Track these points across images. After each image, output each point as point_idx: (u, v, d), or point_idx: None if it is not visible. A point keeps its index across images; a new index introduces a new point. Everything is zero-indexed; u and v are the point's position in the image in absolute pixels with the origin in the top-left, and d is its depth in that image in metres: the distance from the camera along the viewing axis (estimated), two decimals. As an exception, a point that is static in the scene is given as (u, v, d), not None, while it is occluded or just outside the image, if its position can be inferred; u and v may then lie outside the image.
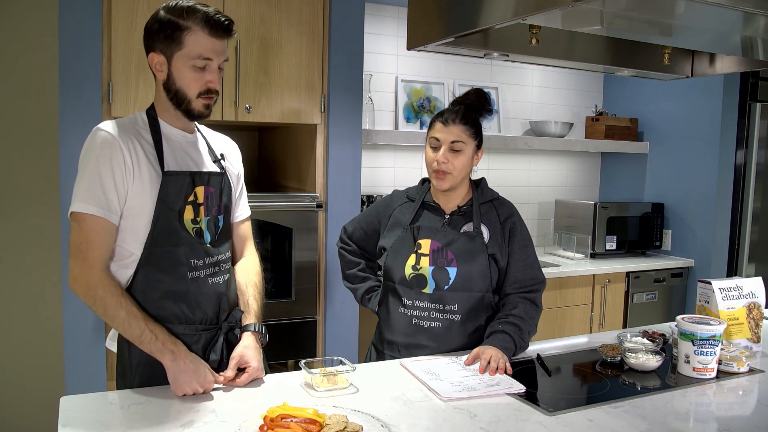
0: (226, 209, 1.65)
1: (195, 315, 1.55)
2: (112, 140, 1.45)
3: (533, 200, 4.17)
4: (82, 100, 2.29)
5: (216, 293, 1.59)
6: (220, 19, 1.48)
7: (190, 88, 1.50)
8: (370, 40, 3.37)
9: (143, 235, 1.48)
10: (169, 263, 1.51)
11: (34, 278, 2.87)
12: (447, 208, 1.87)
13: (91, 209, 1.43)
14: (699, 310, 1.91)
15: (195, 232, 1.55)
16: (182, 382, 1.42)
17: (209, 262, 1.58)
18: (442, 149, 1.79)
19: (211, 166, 1.63)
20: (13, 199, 2.83)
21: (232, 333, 1.63)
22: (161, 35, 1.47)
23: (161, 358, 1.44)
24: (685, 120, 3.83)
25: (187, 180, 1.53)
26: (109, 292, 1.43)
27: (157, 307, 1.51)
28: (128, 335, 1.45)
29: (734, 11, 1.39)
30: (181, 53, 1.47)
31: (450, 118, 1.80)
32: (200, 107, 1.52)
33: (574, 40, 1.96)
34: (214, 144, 1.69)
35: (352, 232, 2.04)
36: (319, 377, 1.50)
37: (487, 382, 1.56)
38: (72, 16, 2.26)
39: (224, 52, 1.52)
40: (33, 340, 2.87)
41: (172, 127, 1.57)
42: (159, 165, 1.50)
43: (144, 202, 1.48)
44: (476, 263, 1.78)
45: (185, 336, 1.54)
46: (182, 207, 1.52)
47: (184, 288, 1.53)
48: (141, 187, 1.47)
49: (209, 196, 1.58)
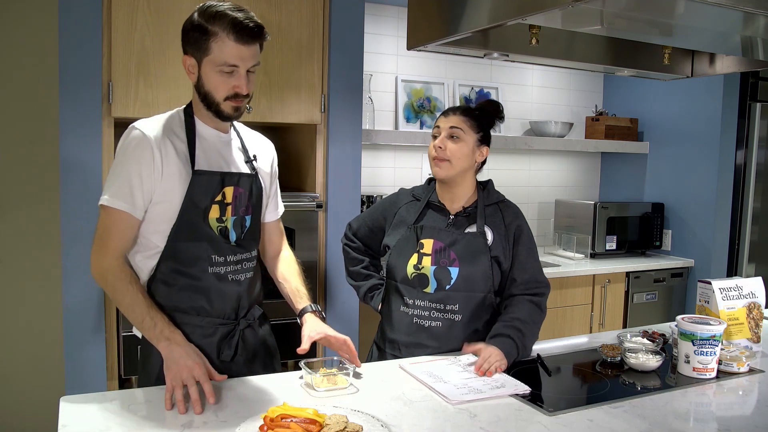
0: (255, 210, 1.68)
1: (212, 309, 1.60)
2: (143, 139, 1.51)
3: (533, 200, 4.17)
4: (82, 100, 2.29)
5: (236, 290, 1.63)
6: (247, 25, 1.48)
7: (218, 92, 1.52)
8: (370, 40, 3.37)
9: (168, 229, 1.54)
10: (191, 258, 1.56)
11: (34, 278, 2.87)
12: (452, 209, 1.87)
13: (116, 203, 1.50)
14: (699, 310, 1.91)
15: (219, 230, 1.59)
16: (174, 371, 1.41)
17: (231, 260, 1.61)
18: (441, 136, 1.82)
19: (243, 167, 1.66)
20: (13, 198, 2.83)
21: (249, 329, 1.67)
22: (192, 38, 1.51)
23: (157, 345, 1.47)
24: (685, 120, 3.83)
25: (217, 179, 1.57)
26: (118, 279, 1.50)
27: (177, 299, 1.57)
28: (131, 319, 1.51)
29: (734, 11, 1.39)
30: (208, 59, 1.50)
31: (451, 110, 1.85)
32: (229, 110, 1.55)
33: (574, 40, 1.96)
34: (249, 144, 1.72)
35: (357, 228, 2.04)
36: (319, 377, 1.50)
37: (491, 384, 1.56)
38: (72, 16, 2.26)
39: (252, 57, 1.53)
40: (33, 340, 2.87)
41: (206, 127, 1.61)
42: (190, 163, 1.54)
43: (172, 199, 1.53)
44: (478, 264, 1.78)
45: (201, 328, 1.59)
46: (208, 206, 1.56)
47: (203, 283, 1.58)
48: (170, 184, 1.52)
49: (238, 196, 1.61)
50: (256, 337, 1.71)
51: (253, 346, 1.70)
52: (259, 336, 1.72)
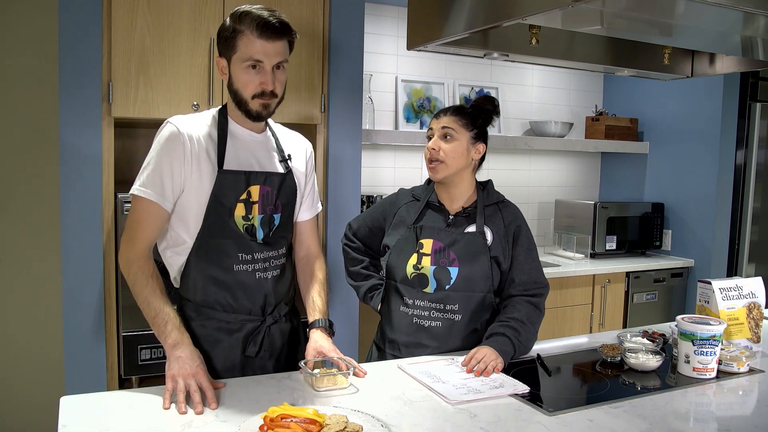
0: (285, 208, 1.71)
1: (239, 305, 1.64)
2: (177, 133, 1.56)
3: (533, 200, 4.17)
4: (82, 100, 2.29)
5: (262, 287, 1.66)
6: (270, 21, 1.52)
7: (246, 89, 1.57)
8: (370, 40, 3.37)
9: (196, 225, 1.59)
10: (217, 254, 1.60)
11: (34, 278, 2.87)
12: (451, 209, 1.87)
13: (146, 193, 1.55)
14: (699, 310, 1.91)
15: (245, 228, 1.62)
16: (174, 370, 1.43)
17: (258, 258, 1.64)
18: (434, 137, 1.83)
19: (274, 166, 1.69)
20: (14, 199, 2.83)
21: (275, 326, 1.69)
22: (222, 39, 1.57)
23: (164, 344, 1.50)
24: (685, 120, 3.83)
25: (242, 179, 1.61)
26: (141, 271, 1.54)
27: (204, 293, 1.62)
28: (145, 313, 1.53)
29: (734, 11, 1.39)
30: (236, 56, 1.55)
31: (443, 111, 1.85)
32: (257, 107, 1.59)
33: (574, 40, 1.96)
34: (285, 143, 1.75)
35: (357, 228, 2.04)
36: (319, 377, 1.50)
37: (490, 384, 1.56)
38: (72, 16, 2.26)
39: (278, 54, 1.56)
40: (33, 340, 2.87)
41: (240, 126, 1.66)
42: (217, 162, 1.58)
43: (199, 195, 1.57)
44: (478, 264, 1.78)
45: (228, 324, 1.64)
46: (234, 204, 1.60)
47: (229, 279, 1.61)
48: (198, 180, 1.57)
49: (265, 195, 1.65)
50: (284, 334, 1.73)
51: (280, 343, 1.72)
52: (286, 333, 1.74)
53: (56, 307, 2.46)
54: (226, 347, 1.64)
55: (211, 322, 1.63)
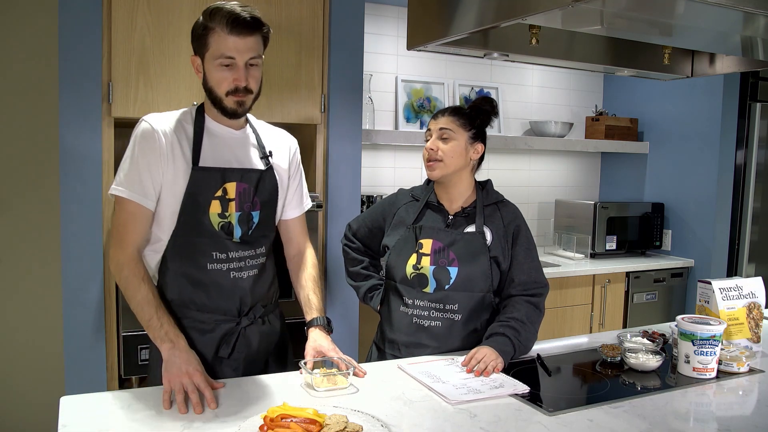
0: (265, 206, 1.68)
1: (212, 304, 1.61)
2: (151, 131, 1.55)
3: (533, 200, 4.17)
4: (82, 100, 2.29)
5: (238, 287, 1.63)
6: (241, 17, 1.50)
7: (219, 87, 1.56)
8: (370, 40, 3.37)
9: (170, 223, 1.57)
10: (191, 253, 1.59)
11: (34, 278, 2.87)
12: (451, 209, 1.87)
13: (127, 193, 1.54)
14: (699, 310, 1.91)
15: (221, 226, 1.60)
16: (172, 372, 1.42)
17: (233, 257, 1.62)
18: (432, 138, 1.83)
19: (253, 163, 1.67)
20: (14, 199, 2.83)
21: (253, 328, 1.67)
22: (195, 38, 1.57)
23: (160, 346, 1.48)
24: (685, 120, 3.83)
25: (217, 176, 1.59)
26: (133, 274, 1.54)
27: (179, 292, 1.61)
28: (139, 317, 1.52)
29: (734, 11, 1.39)
30: (208, 54, 1.54)
31: (440, 112, 1.86)
32: (232, 104, 1.58)
33: (574, 40, 1.96)
34: (267, 140, 1.73)
35: (357, 229, 2.04)
36: (319, 377, 1.50)
37: (490, 384, 1.56)
38: (72, 16, 2.26)
39: (251, 50, 1.54)
40: (33, 340, 2.87)
41: (217, 124, 1.64)
42: (193, 159, 1.57)
43: (174, 193, 1.56)
44: (477, 264, 1.78)
45: (202, 323, 1.61)
46: (208, 201, 1.58)
47: (203, 278, 1.60)
48: (173, 178, 1.56)
49: (242, 192, 1.62)
50: (264, 336, 1.70)
51: (257, 345, 1.69)
52: (267, 335, 1.72)
53: (56, 307, 2.46)
54: (199, 347, 1.59)
55: (185, 321, 1.60)
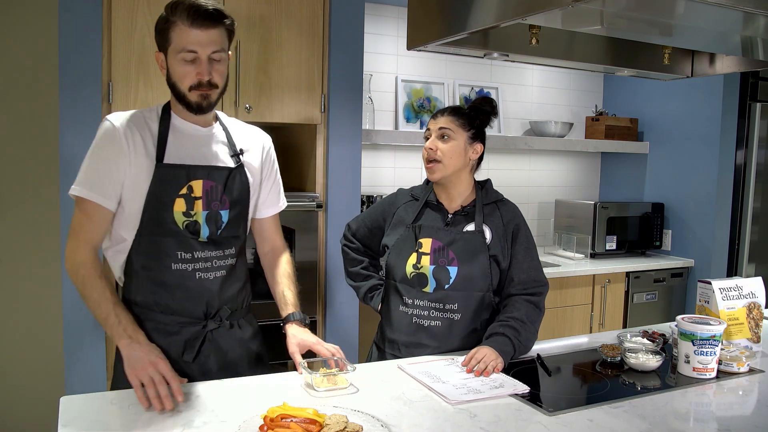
0: (235, 204, 1.63)
1: (176, 306, 1.57)
2: (112, 130, 1.52)
3: (533, 200, 4.17)
4: (82, 100, 2.29)
5: (203, 289, 1.58)
6: (201, 8, 1.47)
7: (182, 82, 1.52)
8: (370, 40, 3.37)
9: (134, 223, 1.54)
10: (155, 252, 1.55)
11: (34, 278, 2.86)
12: (450, 208, 1.87)
13: (84, 193, 1.50)
14: (699, 310, 1.91)
15: (186, 225, 1.55)
16: (137, 367, 1.38)
17: (199, 257, 1.57)
18: (431, 138, 1.84)
19: (221, 160, 1.62)
20: (13, 199, 2.83)
21: (221, 331, 1.62)
22: (158, 33, 1.53)
23: (118, 343, 1.45)
24: (685, 120, 3.83)
25: (182, 173, 1.55)
26: (89, 273, 1.50)
27: (143, 293, 1.57)
28: (97, 316, 1.49)
29: (734, 11, 1.39)
30: (171, 48, 1.51)
31: (440, 112, 1.86)
32: (196, 99, 1.54)
33: (574, 40, 1.96)
34: (237, 137, 1.68)
35: (357, 229, 2.03)
36: (319, 377, 1.50)
37: (490, 384, 1.56)
38: (72, 16, 2.26)
39: (212, 43, 1.50)
40: (33, 340, 2.87)
41: (184, 121, 1.60)
42: (157, 156, 1.53)
43: (138, 191, 1.52)
44: (477, 263, 1.78)
45: (166, 326, 1.57)
46: (173, 199, 1.53)
47: (168, 278, 1.55)
48: (136, 176, 1.52)
49: (209, 190, 1.58)
50: (233, 340, 1.65)
51: (228, 350, 1.64)
52: (236, 339, 1.66)
53: (56, 307, 2.46)
54: (162, 351, 1.51)
55: (149, 324, 1.55)
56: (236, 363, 1.65)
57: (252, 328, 1.73)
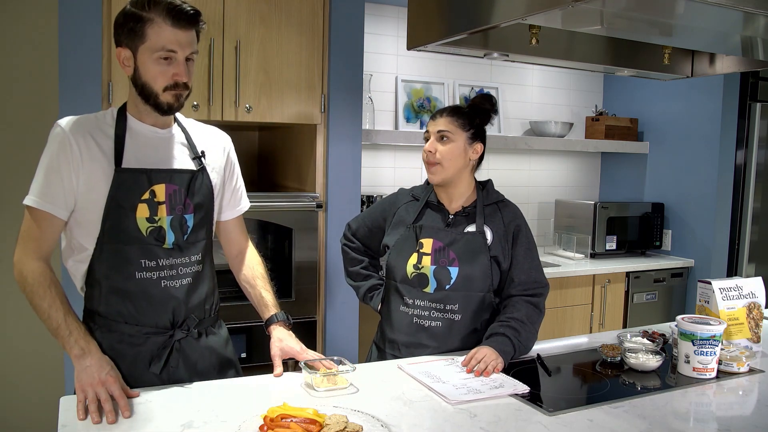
0: (200, 208, 1.57)
1: (141, 316, 1.50)
2: (63, 135, 1.45)
3: (533, 200, 4.17)
4: (82, 100, 2.29)
5: (169, 297, 1.52)
6: (183, 9, 1.43)
7: (156, 82, 1.45)
8: (370, 40, 3.37)
9: (95, 231, 1.47)
10: (118, 261, 1.48)
11: (34, 278, 2.86)
12: (451, 208, 1.87)
13: (36, 202, 1.46)
14: (699, 310, 1.91)
15: (150, 231, 1.49)
16: (84, 382, 1.35)
17: (164, 264, 1.51)
18: (430, 140, 1.83)
19: (182, 163, 1.56)
20: (13, 199, 2.82)
21: (189, 340, 1.56)
22: (125, 29, 1.44)
23: (70, 353, 1.40)
24: (685, 120, 3.83)
25: (143, 178, 1.48)
26: (38, 282, 1.45)
27: (106, 303, 1.50)
28: (47, 326, 1.44)
29: (734, 11, 1.39)
30: (144, 46, 1.43)
31: (439, 112, 1.85)
32: (170, 99, 1.47)
33: (574, 40, 1.96)
34: (197, 139, 1.62)
35: (357, 229, 2.03)
36: (319, 377, 1.50)
37: (490, 384, 1.56)
38: (72, 16, 2.26)
39: (191, 44, 1.46)
40: (33, 340, 2.87)
41: (141, 123, 1.53)
42: (115, 161, 1.47)
43: (96, 198, 1.46)
44: (478, 263, 1.78)
45: (130, 337, 1.50)
46: (134, 205, 1.47)
47: (131, 288, 1.49)
48: (92, 182, 1.45)
49: (172, 194, 1.51)
50: (202, 349, 1.59)
51: (198, 360, 1.58)
52: (206, 347, 1.60)
53: (56, 307, 2.46)
54: (129, 362, 1.49)
55: (113, 335, 1.49)
56: (206, 372, 1.59)
57: (221, 335, 1.67)
